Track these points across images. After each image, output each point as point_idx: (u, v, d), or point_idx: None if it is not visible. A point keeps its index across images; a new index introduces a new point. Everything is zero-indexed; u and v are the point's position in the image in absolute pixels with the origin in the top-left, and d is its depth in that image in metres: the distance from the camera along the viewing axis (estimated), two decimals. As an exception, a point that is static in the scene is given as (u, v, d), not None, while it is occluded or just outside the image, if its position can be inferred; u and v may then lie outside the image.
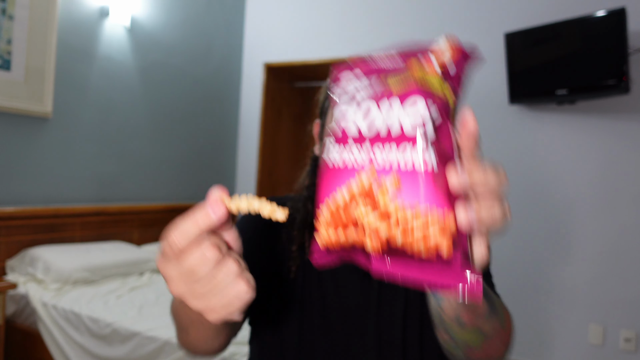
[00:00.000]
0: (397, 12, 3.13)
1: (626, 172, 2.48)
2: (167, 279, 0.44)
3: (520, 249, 2.71)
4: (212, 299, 0.42)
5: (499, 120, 2.80)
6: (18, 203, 2.33)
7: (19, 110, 2.29)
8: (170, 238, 0.43)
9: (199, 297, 0.42)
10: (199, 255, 0.42)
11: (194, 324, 0.60)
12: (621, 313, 2.45)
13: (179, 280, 0.43)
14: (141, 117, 2.98)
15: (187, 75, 3.28)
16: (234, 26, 3.68)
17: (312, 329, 0.85)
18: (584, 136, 2.58)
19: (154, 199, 3.08)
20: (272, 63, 3.61)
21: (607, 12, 2.30)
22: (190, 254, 0.42)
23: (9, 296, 2.14)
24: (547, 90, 2.50)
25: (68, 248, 2.39)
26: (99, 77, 2.70)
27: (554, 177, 2.64)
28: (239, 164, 3.78)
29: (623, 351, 2.43)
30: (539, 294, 2.65)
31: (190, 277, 0.42)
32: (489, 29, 2.83)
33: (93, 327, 1.93)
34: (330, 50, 3.33)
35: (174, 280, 0.43)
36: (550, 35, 2.49)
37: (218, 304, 0.42)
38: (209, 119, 3.51)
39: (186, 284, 0.43)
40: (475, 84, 2.88)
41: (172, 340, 1.76)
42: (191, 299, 0.43)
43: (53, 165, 2.48)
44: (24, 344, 2.11)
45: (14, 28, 2.25)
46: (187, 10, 3.26)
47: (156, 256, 2.72)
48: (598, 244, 2.52)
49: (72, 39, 2.54)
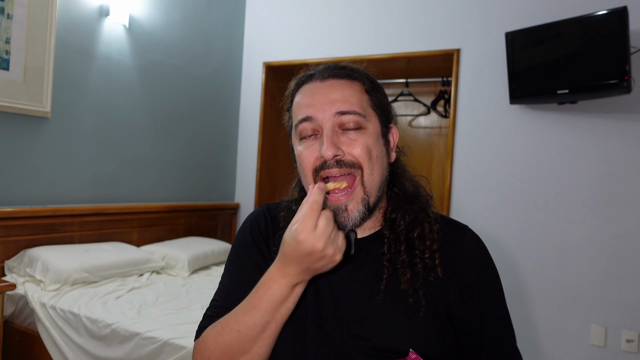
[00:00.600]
0: (397, 12, 3.13)
1: (628, 172, 2.47)
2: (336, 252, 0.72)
3: (521, 249, 2.70)
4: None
5: (500, 120, 2.79)
6: (17, 203, 2.32)
7: (18, 110, 2.28)
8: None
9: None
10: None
11: (265, 331, 0.77)
12: (623, 314, 2.44)
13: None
14: (140, 116, 2.97)
15: (186, 75, 3.27)
16: (233, 26, 3.67)
17: (308, 339, 0.83)
18: (585, 136, 2.57)
19: (153, 199, 3.07)
20: (272, 63, 3.60)
21: (608, 12, 2.29)
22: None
23: (8, 296, 2.13)
24: (548, 90, 2.49)
25: (67, 248, 2.38)
26: (98, 76, 2.69)
27: (554, 177, 2.63)
28: (239, 164, 3.77)
29: (625, 352, 2.42)
30: (540, 294, 2.64)
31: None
32: (489, 28, 2.82)
33: (92, 327, 1.92)
34: (330, 50, 3.32)
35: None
36: (551, 35, 2.48)
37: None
38: (209, 119, 3.50)
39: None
40: (476, 83, 2.87)
41: (172, 341, 1.76)
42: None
43: (52, 165, 2.47)
44: (22, 344, 2.10)
45: (12, 27, 2.24)
46: (186, 10, 3.25)
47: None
48: (600, 244, 2.51)
49: (71, 38, 2.53)
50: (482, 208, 2.81)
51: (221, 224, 3.62)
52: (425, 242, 0.84)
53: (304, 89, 0.87)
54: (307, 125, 0.83)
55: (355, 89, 0.84)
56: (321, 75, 0.86)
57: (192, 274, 2.80)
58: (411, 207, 0.87)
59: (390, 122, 0.90)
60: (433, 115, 3.66)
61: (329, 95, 0.82)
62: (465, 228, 0.90)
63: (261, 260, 0.91)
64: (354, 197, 0.81)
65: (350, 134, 0.82)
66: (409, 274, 0.82)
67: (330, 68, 0.86)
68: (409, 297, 0.82)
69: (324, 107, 0.82)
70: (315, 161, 0.81)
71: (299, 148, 0.86)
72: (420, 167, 0.98)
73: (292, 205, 0.93)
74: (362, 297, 0.84)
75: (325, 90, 0.83)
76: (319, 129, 0.82)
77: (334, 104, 0.82)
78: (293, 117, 0.88)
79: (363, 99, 0.84)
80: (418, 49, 3.05)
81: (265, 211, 0.97)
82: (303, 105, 0.84)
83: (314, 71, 0.88)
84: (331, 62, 0.89)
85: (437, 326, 0.81)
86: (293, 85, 0.90)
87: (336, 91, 0.83)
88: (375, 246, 0.87)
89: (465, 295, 0.83)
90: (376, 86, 0.88)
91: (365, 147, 0.81)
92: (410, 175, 0.93)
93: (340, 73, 0.85)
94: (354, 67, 0.88)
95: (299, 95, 0.87)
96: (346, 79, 0.85)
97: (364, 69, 0.90)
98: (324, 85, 0.84)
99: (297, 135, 0.85)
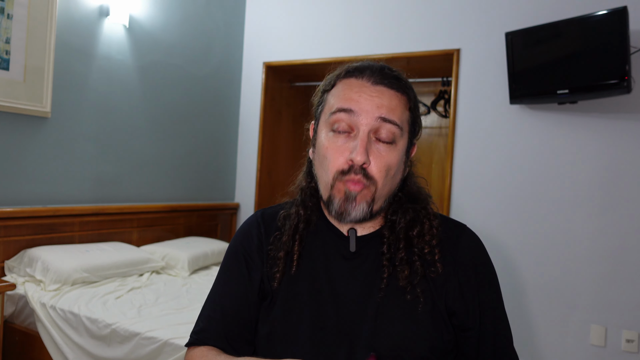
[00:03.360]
0: (397, 12, 3.12)
1: (628, 172, 2.47)
2: None
3: (521, 249, 2.70)
4: None
5: (500, 120, 2.79)
6: (16, 203, 2.32)
7: (18, 110, 2.28)
8: None
9: None
10: None
11: None
12: (623, 314, 2.44)
13: None
14: (140, 116, 2.97)
15: (186, 75, 3.27)
16: (233, 26, 3.67)
17: (310, 340, 0.83)
18: (585, 136, 2.57)
19: (153, 199, 3.07)
20: (271, 63, 3.60)
21: (608, 12, 2.29)
22: None
23: (8, 296, 2.13)
24: (548, 90, 2.49)
25: (67, 248, 2.38)
26: (98, 76, 2.69)
27: (554, 177, 2.63)
28: (239, 164, 3.77)
29: (625, 352, 2.42)
30: (540, 294, 2.64)
31: None
32: (489, 28, 2.82)
33: (92, 327, 1.92)
34: (330, 50, 3.33)
35: None
36: (551, 35, 2.48)
37: None
38: (209, 119, 3.50)
39: None
40: (476, 83, 2.87)
41: (172, 341, 1.76)
42: None
43: (52, 165, 2.47)
44: (22, 344, 2.10)
45: (12, 27, 2.24)
46: (186, 10, 3.25)
47: (155, 257, 2.71)
48: (600, 244, 2.51)
49: (71, 38, 2.53)
50: (482, 208, 2.81)
51: (221, 224, 3.63)
52: (424, 238, 0.85)
53: (351, 82, 0.84)
54: (344, 118, 0.81)
55: (402, 102, 0.84)
56: (373, 78, 0.83)
57: (192, 274, 2.80)
58: (412, 206, 0.88)
59: (415, 137, 0.91)
60: (433, 115, 3.66)
61: (377, 99, 0.81)
62: (463, 226, 0.91)
63: (247, 272, 0.91)
64: (362, 193, 0.81)
65: (381, 147, 0.81)
66: (407, 271, 0.82)
67: (385, 74, 0.84)
68: (407, 294, 0.82)
69: (368, 107, 0.80)
70: (344, 163, 0.81)
71: (326, 138, 0.84)
72: (420, 167, 0.99)
73: (297, 198, 0.93)
74: (363, 296, 0.84)
75: (374, 93, 0.82)
76: (354, 127, 0.81)
77: (379, 109, 0.80)
78: (329, 102, 0.86)
79: (405, 114, 0.84)
80: (418, 49, 3.05)
81: (258, 218, 0.96)
82: (347, 98, 0.82)
83: (365, 66, 0.85)
84: (383, 63, 0.87)
85: (436, 323, 0.82)
86: (341, 72, 0.87)
87: (385, 98, 0.82)
88: (375, 245, 0.87)
89: (464, 292, 0.84)
90: (417, 104, 0.88)
91: (386, 165, 0.81)
92: (415, 180, 0.94)
93: (393, 84, 0.83)
94: (407, 82, 0.86)
95: (344, 85, 0.84)
96: (396, 91, 0.83)
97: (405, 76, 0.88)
98: (373, 89, 0.82)
99: (329, 123, 0.84)
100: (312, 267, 0.88)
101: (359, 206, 0.80)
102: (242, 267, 0.92)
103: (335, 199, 0.82)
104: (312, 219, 0.91)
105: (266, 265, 0.90)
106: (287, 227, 0.90)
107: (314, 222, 0.91)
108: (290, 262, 0.88)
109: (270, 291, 0.88)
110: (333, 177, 0.82)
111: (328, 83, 0.88)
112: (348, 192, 0.80)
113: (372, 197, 0.81)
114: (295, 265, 0.87)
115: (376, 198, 0.82)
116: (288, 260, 0.88)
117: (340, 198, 0.81)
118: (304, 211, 0.91)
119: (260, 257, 0.92)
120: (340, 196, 0.81)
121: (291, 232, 0.89)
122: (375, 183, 0.81)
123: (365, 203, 0.81)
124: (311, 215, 0.91)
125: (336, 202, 0.81)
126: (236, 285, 0.91)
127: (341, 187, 0.81)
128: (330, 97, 0.86)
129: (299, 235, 0.89)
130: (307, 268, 0.88)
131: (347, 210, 0.81)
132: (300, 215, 0.90)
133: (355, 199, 0.80)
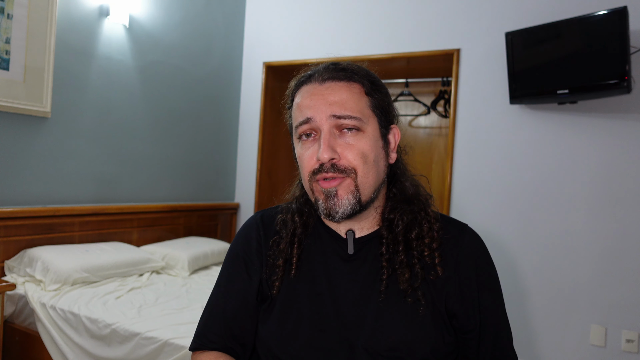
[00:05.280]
0: (397, 12, 3.13)
1: (628, 172, 2.47)
2: None
3: (521, 248, 2.70)
4: None
5: (500, 120, 2.79)
6: (16, 203, 2.32)
7: (18, 110, 2.27)
8: None
9: None
10: None
11: None
12: (623, 314, 2.44)
13: None
14: (140, 116, 2.97)
15: (186, 75, 3.27)
16: (233, 26, 3.67)
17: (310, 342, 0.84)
18: (585, 136, 2.57)
19: (153, 199, 3.07)
20: (272, 63, 3.60)
21: (608, 12, 2.29)
22: None
23: (8, 296, 2.13)
24: (548, 90, 2.49)
25: (67, 248, 2.38)
26: (98, 76, 2.69)
27: (554, 177, 2.63)
28: (239, 164, 3.77)
29: (625, 352, 2.42)
30: (540, 294, 2.64)
31: None
32: (489, 28, 2.82)
33: (92, 327, 1.92)
34: (330, 50, 3.32)
35: None
36: (551, 35, 2.48)
37: None
38: (209, 119, 3.50)
39: None
40: (476, 83, 2.87)
41: (172, 341, 1.75)
42: None
43: (52, 165, 2.47)
44: (22, 344, 2.10)
45: (12, 27, 2.24)
46: (186, 10, 3.25)
47: (154, 257, 2.71)
48: (600, 244, 2.51)
49: (71, 38, 2.53)
50: (482, 208, 2.81)
51: (221, 224, 3.62)
52: (424, 241, 0.84)
53: (303, 90, 0.86)
54: (306, 127, 0.83)
55: (354, 91, 0.83)
56: (320, 77, 0.85)
57: (192, 274, 2.80)
58: (410, 208, 0.87)
59: (392, 122, 0.89)
60: (433, 115, 3.66)
61: (327, 97, 0.82)
62: (465, 226, 0.90)
63: (247, 275, 0.92)
64: (343, 185, 0.81)
65: (347, 137, 0.82)
66: (407, 274, 0.82)
67: (329, 69, 0.85)
68: (408, 297, 0.82)
69: (321, 109, 0.82)
70: (314, 164, 0.82)
71: (298, 149, 0.86)
72: (420, 167, 0.99)
73: (291, 205, 0.94)
74: (363, 298, 0.84)
75: (323, 92, 0.83)
76: (317, 130, 0.82)
77: (330, 107, 0.81)
78: (293, 117, 0.88)
79: (362, 101, 0.83)
80: (418, 49, 3.05)
81: (258, 221, 0.97)
82: (302, 107, 0.84)
83: (313, 71, 0.87)
84: (331, 61, 0.89)
85: (437, 325, 0.82)
86: (293, 85, 0.90)
87: (334, 94, 0.82)
88: (373, 246, 0.87)
89: (464, 293, 0.83)
90: (377, 86, 0.87)
91: (360, 152, 0.81)
92: (410, 175, 0.93)
93: (339, 75, 0.84)
94: (353, 68, 0.86)
95: (299, 96, 0.87)
96: (345, 81, 0.84)
97: (366, 68, 0.89)
98: (322, 87, 0.83)
99: (297, 135, 0.86)
100: (311, 270, 0.88)
101: (343, 200, 0.81)
102: (242, 270, 0.92)
103: (319, 200, 0.83)
104: (310, 222, 0.92)
105: (265, 270, 0.91)
106: (284, 235, 0.91)
107: (311, 225, 0.92)
108: (289, 267, 0.88)
109: (270, 294, 0.89)
110: (308, 180, 0.84)
111: (288, 100, 0.91)
112: (326, 191, 0.81)
113: (355, 187, 0.81)
114: (294, 269, 0.88)
115: (361, 187, 0.81)
116: (287, 265, 0.89)
117: (322, 199, 0.82)
118: (300, 218, 0.91)
119: (259, 261, 0.92)
120: (322, 197, 0.82)
121: (288, 239, 0.90)
122: (354, 172, 0.81)
123: (351, 194, 0.81)
124: (308, 219, 0.92)
125: (320, 203, 0.83)
126: (237, 288, 0.92)
127: (317, 187, 0.82)
128: (293, 112, 0.88)
129: (297, 239, 0.89)
130: (306, 271, 0.88)
131: (332, 207, 0.81)
132: (296, 222, 0.91)
133: (336, 195, 0.81)
